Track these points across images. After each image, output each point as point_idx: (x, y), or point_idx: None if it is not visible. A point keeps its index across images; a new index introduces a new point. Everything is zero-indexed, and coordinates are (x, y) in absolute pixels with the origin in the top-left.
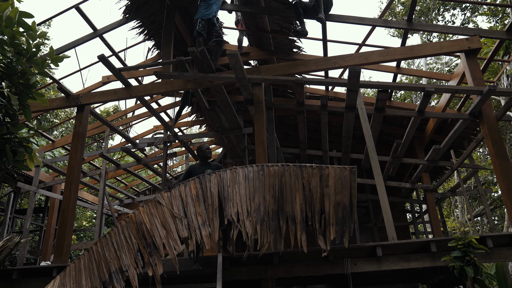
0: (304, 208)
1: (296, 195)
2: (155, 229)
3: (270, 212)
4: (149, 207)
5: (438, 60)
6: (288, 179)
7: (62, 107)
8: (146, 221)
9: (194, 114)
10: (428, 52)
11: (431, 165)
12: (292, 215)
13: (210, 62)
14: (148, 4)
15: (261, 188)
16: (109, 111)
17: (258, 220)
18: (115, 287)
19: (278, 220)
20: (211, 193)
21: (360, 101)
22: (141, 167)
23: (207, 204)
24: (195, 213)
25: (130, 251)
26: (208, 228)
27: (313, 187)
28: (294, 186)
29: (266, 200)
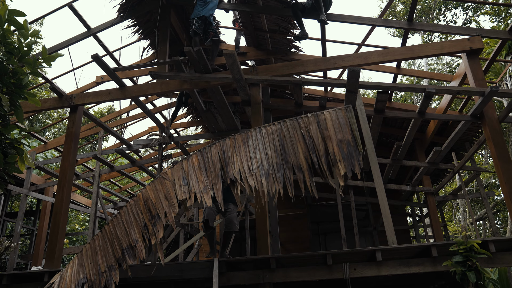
0: (308, 155)
1: (298, 145)
2: (159, 202)
3: (274, 165)
4: (155, 184)
5: (439, 60)
6: (287, 133)
7: (55, 107)
8: (151, 196)
9: (190, 115)
10: (429, 53)
11: (432, 167)
12: (298, 164)
13: (207, 62)
14: (143, 3)
15: (262, 147)
16: (103, 112)
17: (263, 174)
18: (128, 262)
19: (284, 171)
20: (213, 161)
21: (360, 102)
22: (136, 169)
23: (209, 172)
24: (196, 180)
25: (138, 226)
26: (211, 191)
27: (313, 134)
28: (294, 137)
29: (268, 156)
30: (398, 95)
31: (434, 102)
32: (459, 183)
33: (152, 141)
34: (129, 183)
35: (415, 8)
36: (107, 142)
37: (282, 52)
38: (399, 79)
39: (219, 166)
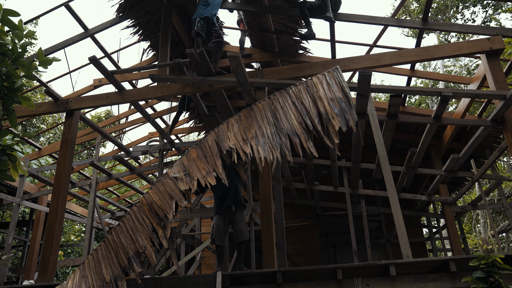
0: (301, 120)
1: (290, 112)
2: (166, 203)
3: (268, 135)
4: (157, 186)
5: (456, 62)
6: (277, 104)
7: (50, 112)
8: (156, 199)
9: (192, 120)
10: (445, 54)
11: (449, 176)
12: (292, 130)
13: (210, 65)
14: (143, 2)
15: (254, 121)
16: (100, 117)
17: (258, 143)
18: (136, 270)
19: (279, 138)
20: (210, 147)
21: (371, 107)
22: (135, 177)
23: (208, 157)
24: (198, 169)
25: (145, 231)
26: (213, 173)
27: (303, 100)
28: (285, 106)
29: (262, 128)
30: (412, 98)
31: (451, 106)
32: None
33: (152, 148)
34: (127, 191)
35: (430, 6)
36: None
37: (289, 53)
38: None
39: (216, 148)
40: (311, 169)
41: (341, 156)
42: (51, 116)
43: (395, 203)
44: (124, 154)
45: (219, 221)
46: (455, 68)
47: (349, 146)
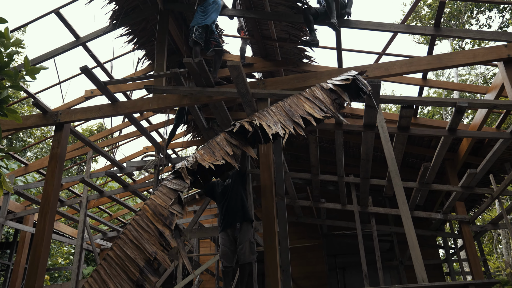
0: (314, 106)
1: (304, 104)
2: (169, 200)
3: (283, 121)
4: (160, 190)
5: (471, 70)
6: (291, 101)
7: (38, 125)
8: (159, 202)
9: (190, 134)
10: (460, 62)
11: (467, 192)
12: (305, 112)
13: (209, 75)
14: (138, 9)
15: (266, 116)
16: (92, 130)
17: (270, 122)
18: (151, 280)
19: (292, 120)
20: (218, 142)
21: (381, 119)
22: (129, 195)
23: (217, 151)
24: (207, 162)
25: (152, 237)
26: (224, 160)
27: (317, 95)
28: (299, 102)
29: (273, 117)
30: (425, 109)
31: (466, 117)
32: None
33: (147, 163)
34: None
35: (443, 11)
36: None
37: (292, 63)
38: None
39: (226, 142)
40: (317, 185)
41: (349, 172)
42: (39, 129)
43: (408, 222)
44: (117, 170)
45: (224, 241)
46: (470, 76)
47: (357, 161)
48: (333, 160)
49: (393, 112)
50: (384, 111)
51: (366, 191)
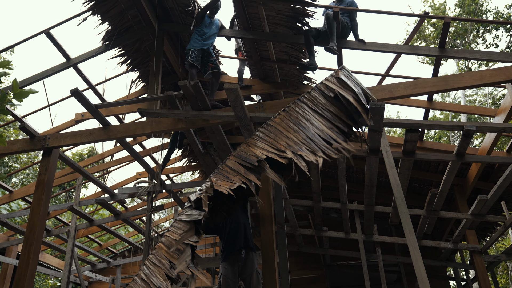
0: (330, 125)
1: (313, 119)
2: (184, 233)
3: (302, 141)
4: (175, 225)
5: (479, 90)
6: (297, 114)
7: (25, 150)
8: (175, 237)
9: (186, 159)
10: (466, 84)
11: (477, 220)
12: (326, 135)
13: (205, 98)
14: (132, 30)
15: (279, 135)
16: (82, 154)
17: (296, 149)
18: None
19: (315, 143)
20: (231, 167)
21: (385, 143)
22: (120, 223)
23: (232, 176)
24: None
25: (161, 271)
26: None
27: (324, 105)
28: (306, 114)
29: (291, 138)
30: (431, 131)
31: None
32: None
33: (140, 190)
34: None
35: (448, 31)
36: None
37: (292, 85)
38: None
39: (241, 167)
40: (319, 212)
41: (352, 198)
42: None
43: (416, 252)
44: (109, 197)
45: (227, 271)
46: (478, 97)
47: (361, 186)
48: (336, 186)
49: (398, 135)
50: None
51: (371, 218)
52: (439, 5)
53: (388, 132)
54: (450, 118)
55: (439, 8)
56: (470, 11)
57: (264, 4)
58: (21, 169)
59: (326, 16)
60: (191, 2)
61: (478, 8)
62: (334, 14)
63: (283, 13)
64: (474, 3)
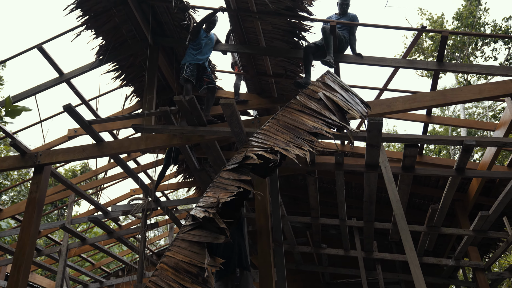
0: (317, 120)
1: (299, 119)
2: (196, 255)
3: (289, 140)
4: (177, 245)
5: (479, 103)
6: (285, 118)
7: (16, 168)
8: (181, 257)
9: (181, 175)
10: (465, 98)
11: (479, 236)
12: (311, 128)
13: (201, 113)
14: (126, 44)
15: (268, 138)
16: (75, 171)
17: (283, 145)
18: None
19: (302, 139)
20: (226, 177)
21: (384, 158)
22: (114, 242)
23: (228, 186)
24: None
25: None
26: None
27: (311, 106)
28: (293, 116)
29: (279, 139)
30: (431, 145)
31: (476, 153)
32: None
33: (134, 207)
34: (104, 258)
35: (445, 46)
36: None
37: (289, 99)
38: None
39: (236, 175)
40: (318, 229)
41: (351, 214)
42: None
43: (417, 269)
44: (102, 214)
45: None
46: (478, 109)
47: (360, 202)
48: (334, 202)
49: (397, 149)
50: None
51: (371, 235)
52: (436, 18)
53: (387, 147)
54: (450, 132)
55: (436, 21)
56: (468, 24)
57: (260, 19)
58: (12, 186)
59: (322, 30)
60: (187, 17)
61: (476, 21)
62: (331, 28)
63: (280, 27)
64: (472, 16)
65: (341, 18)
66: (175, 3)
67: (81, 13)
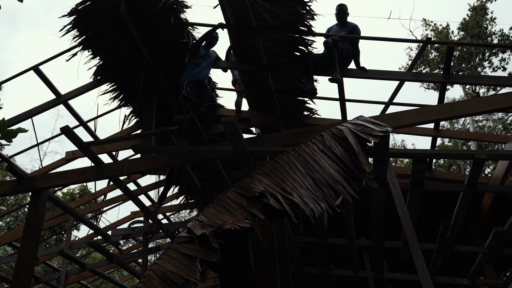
0: (338, 168)
1: (322, 161)
2: (185, 267)
3: (308, 187)
4: (168, 254)
5: (489, 116)
6: (306, 155)
7: (12, 193)
8: (169, 267)
9: (183, 196)
10: (474, 110)
11: (495, 253)
12: (332, 179)
13: (202, 132)
14: (124, 64)
15: (286, 174)
16: (74, 194)
17: (301, 194)
18: None
19: (321, 190)
20: (233, 200)
21: (392, 174)
22: (114, 267)
23: (234, 211)
24: (222, 220)
25: None
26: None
27: (333, 149)
28: (315, 156)
29: (297, 180)
30: (440, 160)
31: (487, 167)
32: None
33: (135, 230)
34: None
35: (452, 57)
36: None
37: (293, 116)
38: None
39: (245, 200)
40: (325, 249)
41: (360, 232)
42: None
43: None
44: (102, 239)
45: None
46: (488, 122)
47: (369, 219)
48: (342, 220)
49: (405, 164)
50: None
51: (380, 254)
52: (441, 29)
53: (394, 162)
54: (460, 145)
55: (441, 32)
56: (474, 34)
57: (260, 34)
58: (8, 212)
59: (325, 45)
60: (185, 34)
61: (483, 31)
62: (334, 42)
63: (281, 42)
64: (478, 26)
65: (341, 29)
66: (173, 21)
67: (77, 33)
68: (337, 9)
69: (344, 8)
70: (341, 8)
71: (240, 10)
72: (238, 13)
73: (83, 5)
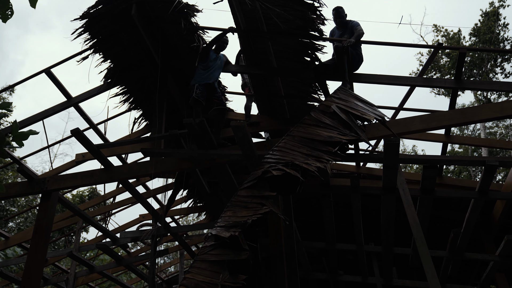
0: (331, 131)
1: (314, 132)
2: (217, 274)
3: (306, 153)
4: (197, 266)
5: (500, 122)
6: (299, 133)
7: (23, 194)
8: (201, 278)
9: (191, 200)
10: (485, 116)
11: (506, 262)
12: (326, 136)
13: (211, 136)
14: (135, 67)
15: (285, 154)
16: (83, 196)
17: (300, 160)
18: None
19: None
20: (245, 195)
21: (402, 180)
22: (122, 269)
23: (249, 203)
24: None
25: None
26: None
27: (324, 120)
28: (311, 131)
29: (296, 154)
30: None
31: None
32: None
33: (143, 233)
34: (112, 286)
35: (463, 63)
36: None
37: None
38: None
39: (256, 191)
40: (334, 255)
41: (369, 238)
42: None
43: None
44: (110, 241)
45: None
46: (500, 129)
47: (378, 225)
48: (351, 226)
49: (415, 170)
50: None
51: (390, 261)
52: (452, 34)
53: (404, 168)
54: (470, 152)
55: (453, 37)
56: (486, 40)
57: (271, 39)
58: (18, 213)
59: (336, 49)
60: (196, 38)
61: (495, 37)
62: (345, 49)
63: (291, 47)
64: (490, 31)
65: (343, 31)
66: (184, 25)
67: (89, 36)
68: (334, 14)
69: (341, 11)
70: (337, 12)
71: (251, 14)
72: (248, 18)
73: (94, 9)
